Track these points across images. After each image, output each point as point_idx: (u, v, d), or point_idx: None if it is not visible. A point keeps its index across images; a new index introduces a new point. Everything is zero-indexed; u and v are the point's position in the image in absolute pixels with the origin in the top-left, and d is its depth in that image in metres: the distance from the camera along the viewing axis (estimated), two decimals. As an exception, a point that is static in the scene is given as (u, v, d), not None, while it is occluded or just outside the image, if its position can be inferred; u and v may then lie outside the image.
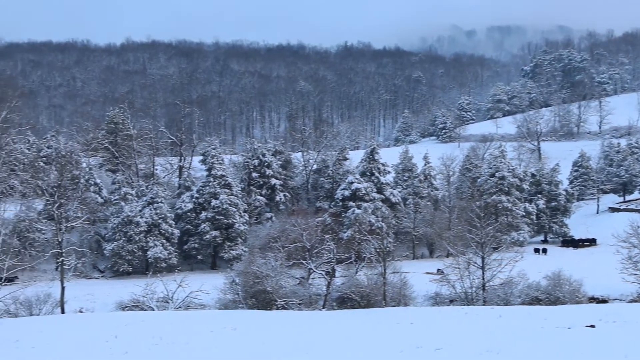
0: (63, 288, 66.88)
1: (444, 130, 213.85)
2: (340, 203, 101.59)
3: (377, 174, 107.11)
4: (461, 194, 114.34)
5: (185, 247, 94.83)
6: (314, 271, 70.65)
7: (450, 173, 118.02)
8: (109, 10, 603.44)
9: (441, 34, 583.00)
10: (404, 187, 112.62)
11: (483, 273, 67.29)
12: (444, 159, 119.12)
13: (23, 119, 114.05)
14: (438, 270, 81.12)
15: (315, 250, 72.37)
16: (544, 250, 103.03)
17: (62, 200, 75.69)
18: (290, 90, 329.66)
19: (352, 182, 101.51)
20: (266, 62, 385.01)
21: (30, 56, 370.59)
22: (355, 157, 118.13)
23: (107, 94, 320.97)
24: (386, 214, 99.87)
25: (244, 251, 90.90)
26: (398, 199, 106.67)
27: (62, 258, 70.95)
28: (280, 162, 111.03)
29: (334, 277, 69.83)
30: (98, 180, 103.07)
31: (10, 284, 73.05)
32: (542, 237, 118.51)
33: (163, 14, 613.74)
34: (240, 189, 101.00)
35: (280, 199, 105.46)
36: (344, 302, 66.81)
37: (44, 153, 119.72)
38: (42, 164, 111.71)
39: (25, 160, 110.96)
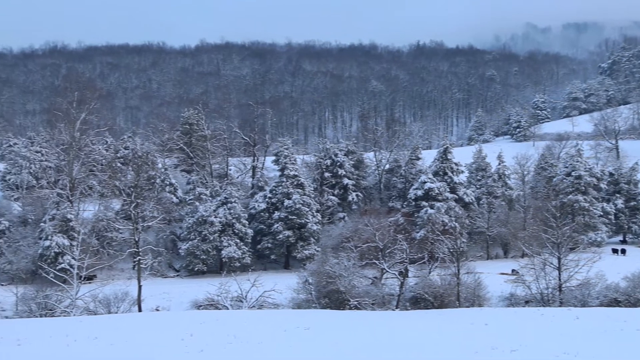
0: (140, 287, 68.06)
1: (518, 129, 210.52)
2: (413, 203, 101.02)
3: (450, 174, 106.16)
4: (536, 194, 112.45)
5: (259, 246, 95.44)
6: (387, 271, 70.43)
7: (525, 172, 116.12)
8: (184, 13, 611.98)
9: (515, 32, 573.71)
10: (478, 186, 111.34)
11: (559, 274, 66.20)
12: (519, 158, 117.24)
13: (101, 120, 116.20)
14: (513, 270, 80.00)
15: (388, 250, 72.14)
16: (623, 251, 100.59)
17: (139, 200, 77.03)
18: (363, 90, 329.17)
19: (425, 182, 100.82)
20: (338, 62, 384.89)
21: (108, 59, 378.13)
22: (428, 157, 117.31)
23: (181, 95, 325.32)
24: (459, 213, 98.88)
25: (317, 251, 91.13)
26: (471, 199, 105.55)
27: (139, 257, 72.24)
28: (353, 162, 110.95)
29: (407, 277, 69.52)
30: (173, 181, 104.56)
31: (90, 283, 74.87)
32: (620, 237, 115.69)
33: (236, 16, 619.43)
34: (312, 188, 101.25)
35: (353, 198, 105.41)
36: (417, 302, 66.43)
37: (121, 154, 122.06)
38: (119, 164, 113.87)
39: (104, 161, 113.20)
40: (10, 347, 40.28)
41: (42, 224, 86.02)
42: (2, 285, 78.02)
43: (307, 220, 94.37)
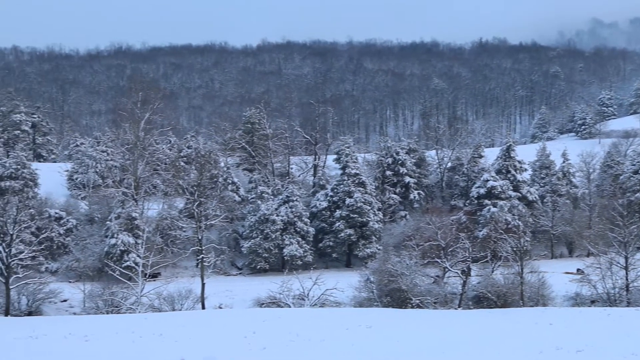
0: (203, 284, 68.80)
1: (583, 127, 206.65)
2: (476, 201, 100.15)
3: (513, 172, 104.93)
4: (602, 192, 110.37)
5: (320, 245, 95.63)
6: (449, 270, 70.04)
7: (591, 170, 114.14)
8: (246, 13, 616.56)
9: (580, 28, 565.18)
10: (542, 184, 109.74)
11: (627, 273, 64.99)
12: (584, 155, 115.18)
13: (165, 120, 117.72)
14: (578, 270, 78.81)
15: (450, 249, 71.70)
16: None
17: (202, 199, 77.90)
18: (424, 88, 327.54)
19: (488, 180, 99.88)
20: (399, 60, 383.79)
21: (172, 59, 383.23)
22: (491, 155, 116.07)
23: (243, 94, 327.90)
24: (523, 212, 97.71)
25: (378, 249, 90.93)
26: (535, 197, 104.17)
27: (202, 255, 73.02)
28: (414, 160, 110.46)
29: (470, 276, 69.02)
30: (235, 179, 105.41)
31: (154, 280, 75.99)
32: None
33: (298, 15, 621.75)
34: (374, 187, 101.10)
35: (414, 197, 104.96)
36: (480, 301, 65.91)
37: (184, 153, 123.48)
38: (182, 163, 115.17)
39: (167, 160, 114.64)
40: (79, 342, 41.13)
41: (108, 222, 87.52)
42: (70, 282, 79.62)
43: (369, 219, 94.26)
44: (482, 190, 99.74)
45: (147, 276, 70.69)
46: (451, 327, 46.54)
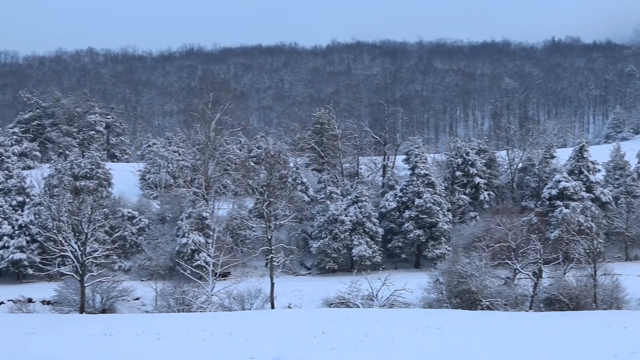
0: (272, 284, 69.29)
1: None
2: (547, 202, 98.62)
3: (586, 172, 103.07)
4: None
5: (389, 245, 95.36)
6: (520, 271, 69.15)
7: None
8: (316, 13, 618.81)
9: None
10: (616, 185, 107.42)
11: None
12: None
13: (235, 120, 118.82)
14: (654, 273, 77.13)
15: (521, 250, 70.81)
16: None
17: (271, 199, 78.39)
18: (495, 88, 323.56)
19: (560, 181, 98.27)
20: (470, 59, 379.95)
21: (242, 60, 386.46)
22: (563, 155, 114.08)
23: (313, 94, 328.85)
24: (596, 213, 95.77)
25: (448, 250, 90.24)
26: (609, 198, 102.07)
27: (272, 255, 73.54)
28: (484, 161, 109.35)
29: (541, 277, 68.04)
30: (305, 180, 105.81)
31: (224, 279, 76.79)
32: None
33: (367, 15, 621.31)
34: (443, 187, 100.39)
35: (485, 197, 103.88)
36: (552, 303, 64.95)
37: (254, 153, 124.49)
38: (252, 163, 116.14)
39: (237, 160, 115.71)
40: (151, 340, 41.78)
41: (179, 221, 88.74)
42: (143, 280, 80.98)
43: (438, 220, 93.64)
44: (553, 191, 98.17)
45: (217, 275, 71.45)
46: (522, 329, 45.91)
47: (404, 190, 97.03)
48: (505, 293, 66.14)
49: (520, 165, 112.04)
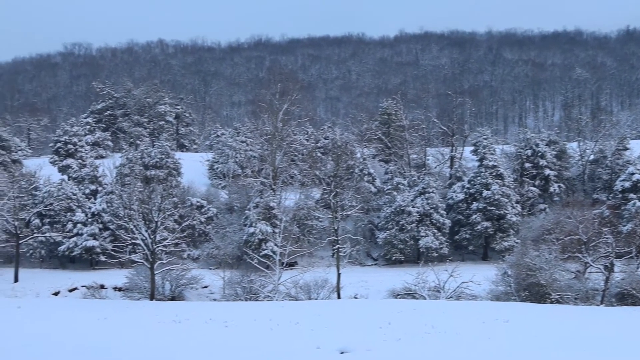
0: (339, 274, 69.44)
1: None
2: (620, 195, 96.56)
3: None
4: None
5: (456, 237, 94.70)
6: (591, 265, 67.98)
7: None
8: (384, 3, 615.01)
9: None
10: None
11: None
12: None
13: (302, 111, 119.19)
14: None
15: (592, 244, 69.54)
16: None
17: (338, 190, 78.49)
18: (566, 78, 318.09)
19: (633, 173, 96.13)
20: (540, 49, 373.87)
21: (310, 51, 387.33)
22: (637, 147, 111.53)
23: (380, 85, 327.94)
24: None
25: (516, 243, 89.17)
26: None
27: (338, 245, 73.71)
28: (555, 152, 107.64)
29: (613, 272, 66.76)
30: (371, 170, 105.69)
31: (291, 269, 77.21)
32: None
33: (436, 5, 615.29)
34: (512, 179, 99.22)
35: (554, 190, 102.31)
36: (624, 298, 63.68)
37: (321, 144, 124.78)
38: (319, 154, 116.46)
39: (304, 150, 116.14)
40: (219, 328, 42.30)
41: (246, 211, 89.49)
42: (211, 269, 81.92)
43: (506, 212, 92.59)
44: (627, 184, 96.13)
45: (284, 265, 71.91)
46: (593, 323, 45.17)
47: (472, 182, 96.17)
48: (576, 287, 65.08)
49: (592, 157, 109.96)
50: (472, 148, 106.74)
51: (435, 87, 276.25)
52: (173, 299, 70.02)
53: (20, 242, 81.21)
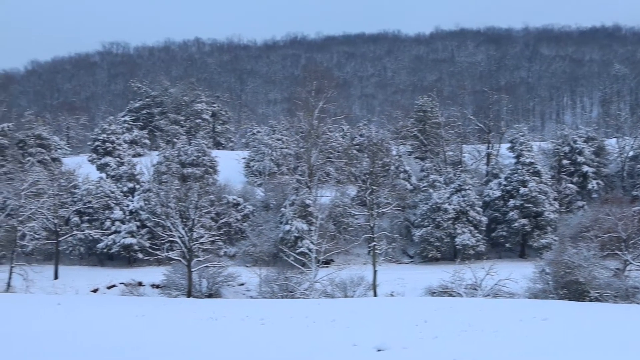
0: (375, 272, 69.38)
1: None
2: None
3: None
4: None
5: (493, 234, 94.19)
6: (631, 263, 67.27)
7: None
8: (419, 0, 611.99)
9: None
10: None
11: None
12: None
13: (338, 108, 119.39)
14: None
15: (632, 241, 68.84)
16: None
17: (374, 187, 78.43)
18: (604, 74, 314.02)
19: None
20: (578, 45, 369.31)
21: (345, 48, 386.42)
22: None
23: (415, 82, 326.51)
24: None
25: (554, 240, 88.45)
26: None
27: (374, 243, 73.61)
28: (593, 149, 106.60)
29: (654, 269, 66.09)
30: (407, 168, 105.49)
31: (327, 266, 77.34)
32: None
33: (472, 1, 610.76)
34: (549, 176, 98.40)
35: (593, 187, 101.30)
36: (666, 296, 63.03)
37: (356, 141, 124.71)
38: (355, 151, 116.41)
39: (340, 148, 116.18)
40: (255, 325, 42.46)
41: (282, 208, 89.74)
42: (247, 266, 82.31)
43: (544, 209, 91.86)
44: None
45: (320, 262, 72.06)
46: (633, 322, 44.62)
47: (509, 179, 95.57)
48: (615, 285, 64.38)
49: (631, 153, 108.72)
50: (509, 145, 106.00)
51: (471, 84, 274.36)
52: (210, 296, 70.46)
53: (59, 239, 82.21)
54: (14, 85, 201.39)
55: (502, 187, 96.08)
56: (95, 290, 74.25)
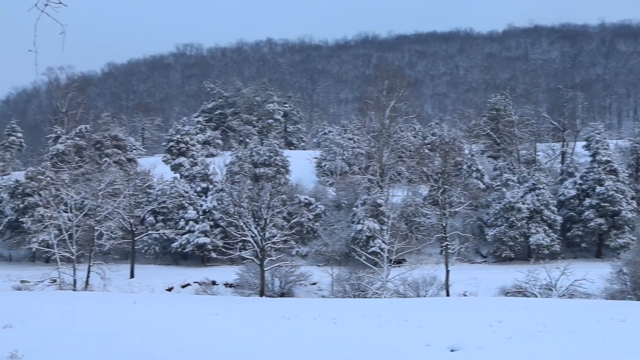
0: (447, 271, 68.93)
1: None
2: None
3: None
4: None
5: (568, 234, 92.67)
6: None
7: None
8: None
9: None
10: None
11: None
12: None
13: (409, 108, 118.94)
14: None
15: None
16: None
17: (446, 186, 77.91)
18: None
19: None
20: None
21: (416, 47, 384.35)
22: None
23: (488, 80, 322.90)
24: None
25: (632, 240, 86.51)
26: None
27: (447, 242, 73.13)
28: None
29: None
30: (480, 167, 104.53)
31: (399, 266, 77.11)
32: None
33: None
34: (627, 175, 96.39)
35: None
36: None
37: (428, 140, 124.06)
38: (427, 151, 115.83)
39: (411, 147, 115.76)
40: (328, 324, 42.59)
41: (354, 208, 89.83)
42: (319, 266, 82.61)
43: (621, 208, 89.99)
44: None
45: (392, 262, 71.88)
46: None
47: (584, 178, 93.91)
48: (697, 286, 62.80)
49: None
50: (585, 143, 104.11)
51: (545, 81, 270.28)
52: (282, 295, 70.92)
53: (135, 239, 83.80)
54: (91, 87, 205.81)
55: (577, 186, 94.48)
56: (170, 289, 75.46)
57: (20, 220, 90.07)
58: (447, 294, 67.87)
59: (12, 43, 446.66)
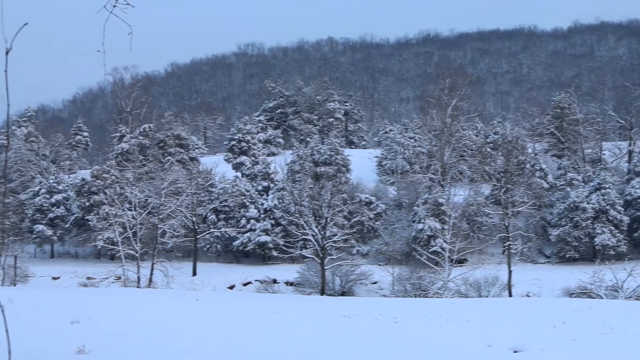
0: (510, 271, 68.20)
1: None
2: None
3: None
4: None
5: (635, 234, 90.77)
6: None
7: None
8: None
9: None
10: None
11: None
12: None
13: (471, 106, 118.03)
14: None
15: None
16: None
17: (509, 185, 77.06)
18: None
19: None
20: None
21: (479, 45, 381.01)
22: None
23: (552, 78, 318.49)
24: None
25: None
26: None
27: (509, 242, 72.31)
28: None
29: None
30: (543, 166, 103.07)
31: (460, 266, 76.44)
32: None
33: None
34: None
35: None
36: None
37: (490, 139, 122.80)
38: (489, 149, 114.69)
39: (474, 146, 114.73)
40: (389, 324, 42.37)
41: (415, 207, 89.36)
42: (380, 265, 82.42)
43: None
44: None
45: (453, 262, 71.31)
46: None
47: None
48: None
49: None
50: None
51: (611, 79, 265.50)
52: (343, 294, 70.89)
53: (197, 237, 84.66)
54: (155, 87, 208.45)
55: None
56: (231, 287, 76.05)
57: (86, 218, 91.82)
58: (510, 295, 67.13)
59: (77, 45, 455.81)
